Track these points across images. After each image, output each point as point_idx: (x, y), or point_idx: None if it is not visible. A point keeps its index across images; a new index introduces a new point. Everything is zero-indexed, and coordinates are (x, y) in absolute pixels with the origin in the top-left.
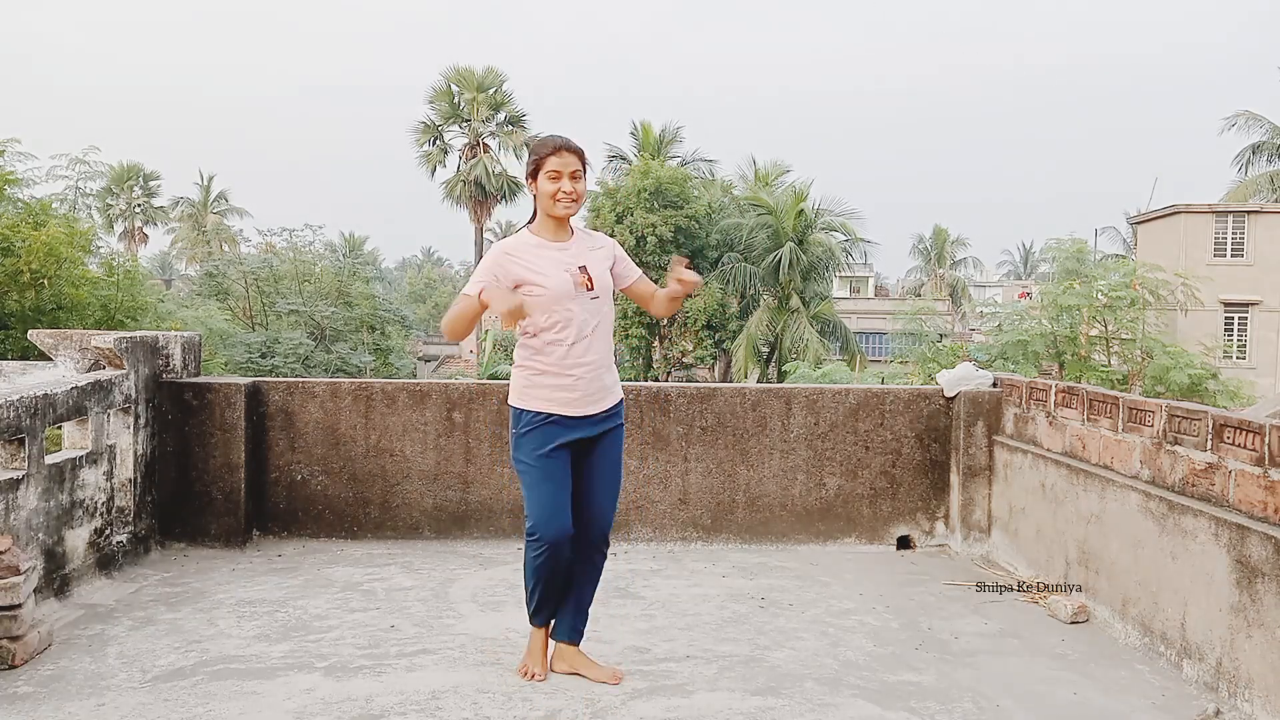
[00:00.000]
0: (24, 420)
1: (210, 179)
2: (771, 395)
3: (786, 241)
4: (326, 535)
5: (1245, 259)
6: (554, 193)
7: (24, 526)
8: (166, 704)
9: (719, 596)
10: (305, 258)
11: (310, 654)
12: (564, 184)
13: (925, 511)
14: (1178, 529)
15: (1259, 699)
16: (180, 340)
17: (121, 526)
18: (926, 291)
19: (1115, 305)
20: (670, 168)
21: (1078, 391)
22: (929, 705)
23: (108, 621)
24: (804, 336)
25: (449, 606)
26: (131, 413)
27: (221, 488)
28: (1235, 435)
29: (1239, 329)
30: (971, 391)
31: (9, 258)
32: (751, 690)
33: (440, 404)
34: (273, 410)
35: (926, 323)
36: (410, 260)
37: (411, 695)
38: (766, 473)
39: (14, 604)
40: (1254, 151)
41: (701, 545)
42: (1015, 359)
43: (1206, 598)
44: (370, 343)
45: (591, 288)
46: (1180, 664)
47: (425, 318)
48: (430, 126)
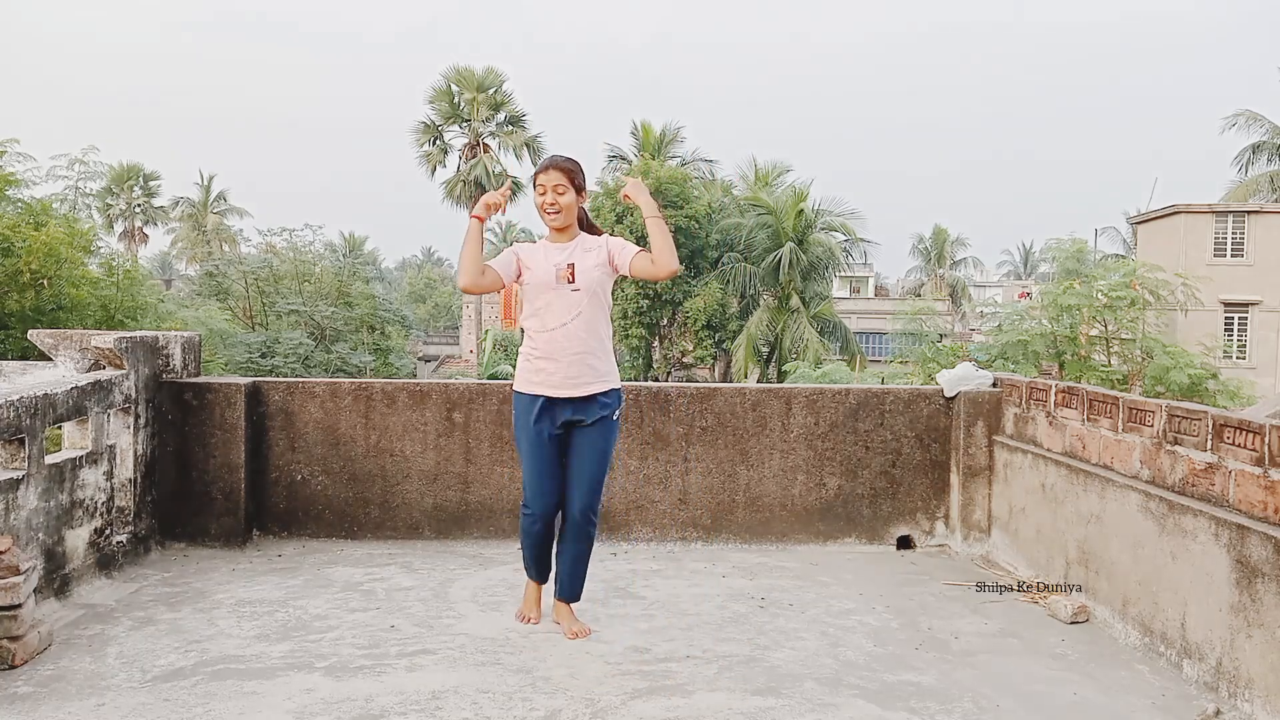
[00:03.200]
0: (24, 420)
1: (210, 179)
2: (771, 395)
3: (786, 241)
4: (326, 535)
5: (1245, 259)
6: (540, 205)
7: (24, 526)
8: (166, 704)
9: (719, 596)
10: (305, 258)
11: (310, 654)
12: (548, 197)
13: (925, 511)
14: (1178, 529)
15: (1259, 699)
16: (180, 340)
17: (121, 526)
18: (926, 291)
19: (1115, 305)
20: (670, 168)
21: (1078, 391)
22: (929, 705)
23: (108, 621)
24: (804, 336)
25: (449, 606)
26: (131, 413)
27: (221, 488)
28: (1235, 435)
29: (1239, 329)
30: (971, 391)
31: (9, 258)
32: (751, 690)
33: (440, 404)
34: (273, 410)
35: (926, 323)
36: (410, 260)
37: (411, 695)
38: (766, 473)
39: (14, 604)
40: (1254, 151)
41: (701, 545)
42: (1015, 359)
43: (1206, 598)
44: (370, 343)
45: (572, 280)
46: (1180, 664)
47: (425, 318)
48: (430, 126)
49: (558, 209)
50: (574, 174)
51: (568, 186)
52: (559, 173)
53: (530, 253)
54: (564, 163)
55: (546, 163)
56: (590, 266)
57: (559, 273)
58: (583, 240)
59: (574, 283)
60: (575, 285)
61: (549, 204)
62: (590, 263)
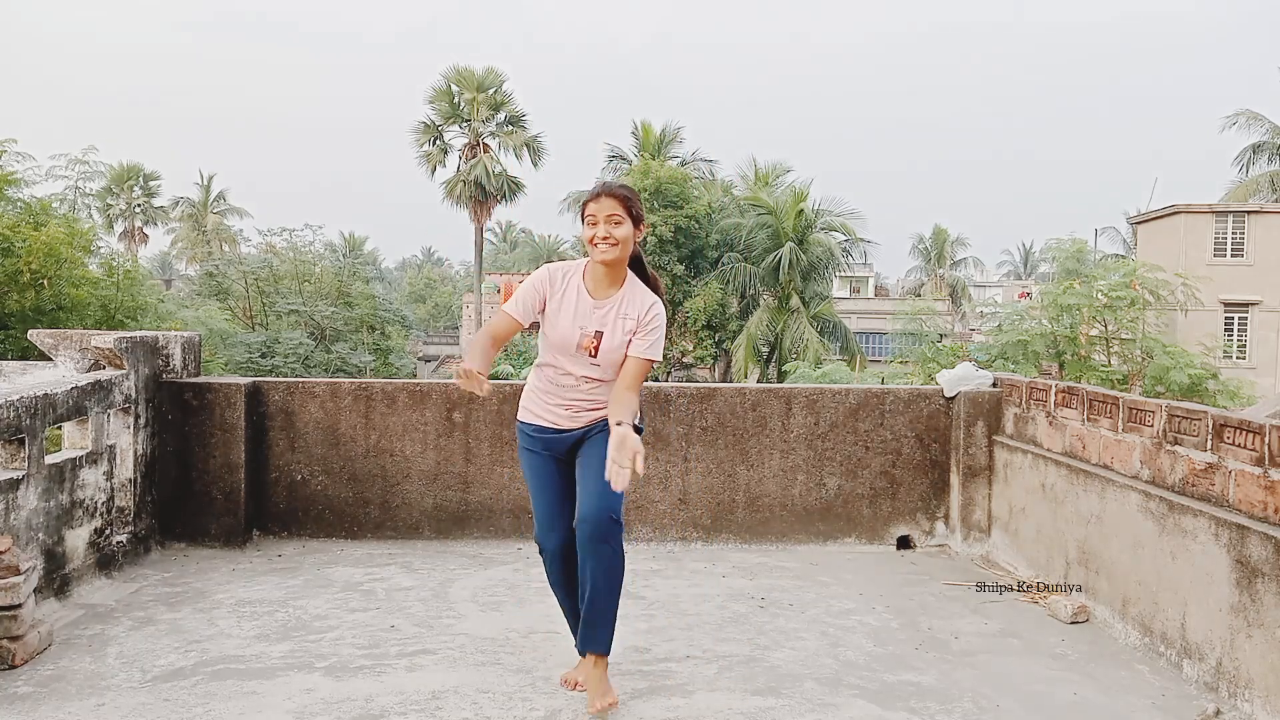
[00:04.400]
0: (24, 420)
1: (210, 179)
2: (771, 395)
3: (786, 241)
4: (326, 535)
5: (1245, 259)
6: (590, 238)
7: (24, 526)
8: (166, 704)
9: (719, 596)
10: (305, 258)
11: (310, 654)
12: (600, 229)
13: (925, 511)
14: (1178, 529)
15: (1259, 699)
16: (180, 340)
17: (121, 526)
18: (926, 291)
19: (1115, 305)
20: (670, 168)
21: (1078, 391)
22: (929, 705)
23: (108, 621)
24: (804, 336)
25: (449, 606)
26: (131, 413)
27: (221, 488)
28: (1235, 435)
29: (1239, 329)
30: (971, 391)
31: (9, 258)
32: (751, 690)
33: (440, 404)
34: (273, 410)
35: (926, 323)
36: (410, 260)
37: (411, 695)
38: (766, 473)
39: (14, 604)
40: (1254, 151)
41: (701, 545)
42: (1015, 359)
43: (1206, 598)
44: (370, 343)
45: (594, 355)
46: (1180, 664)
47: (425, 318)
48: (430, 126)
49: (614, 242)
50: (631, 202)
51: (624, 217)
52: (613, 200)
53: (562, 291)
54: (619, 190)
55: (598, 189)
56: (617, 345)
57: (582, 339)
58: (627, 297)
59: (594, 357)
60: (595, 360)
61: (602, 237)
62: (619, 339)
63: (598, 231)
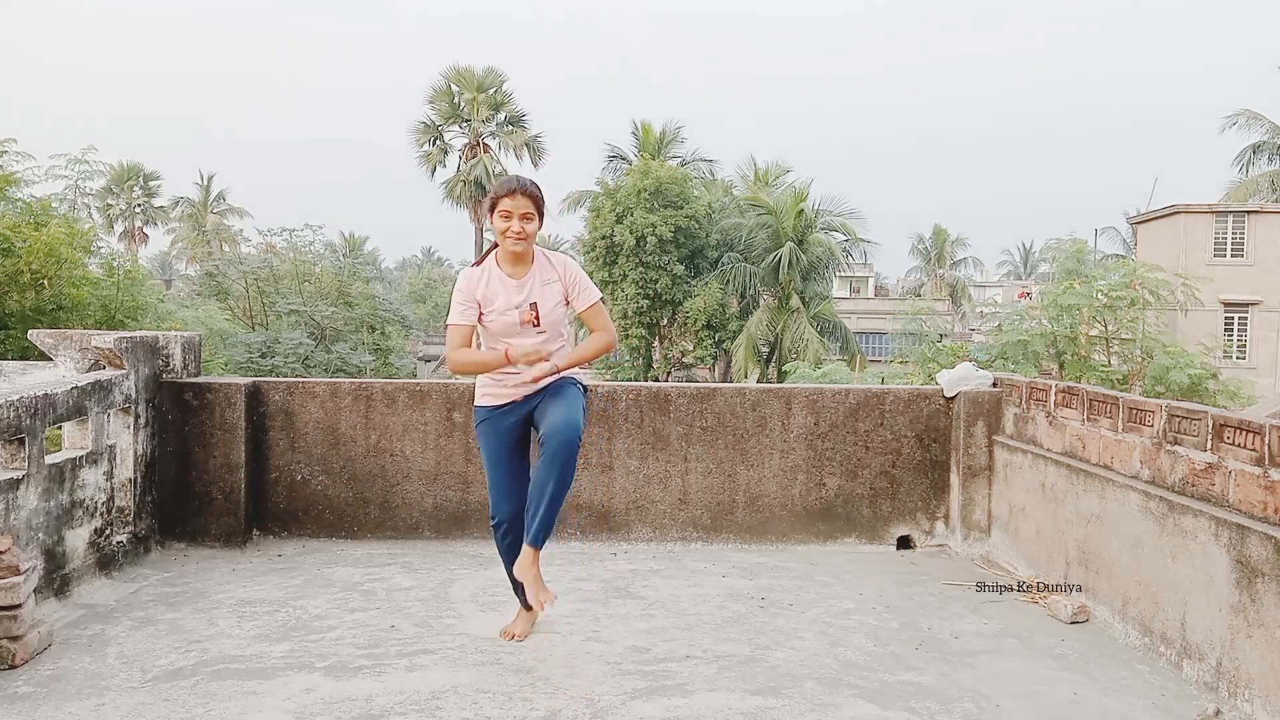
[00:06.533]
0: (24, 420)
1: (210, 179)
2: (771, 395)
3: (786, 241)
4: (326, 535)
5: (1245, 259)
6: (504, 230)
7: (24, 526)
8: (166, 704)
9: (719, 596)
10: (305, 258)
11: (310, 654)
12: (514, 224)
13: (925, 511)
14: (1178, 529)
15: (1259, 699)
16: (180, 340)
17: (121, 526)
18: (926, 291)
19: (1115, 305)
20: (670, 167)
21: (1078, 391)
22: (929, 705)
23: (108, 621)
24: (804, 336)
25: (449, 606)
26: (131, 413)
27: (221, 488)
28: (1235, 435)
29: (1239, 329)
30: (971, 391)
31: (9, 258)
32: (751, 690)
33: (440, 404)
34: (273, 410)
35: (926, 323)
36: (410, 260)
37: (411, 695)
38: (766, 473)
39: (14, 604)
40: (1254, 151)
41: (701, 545)
42: (1015, 359)
43: (1206, 598)
44: (370, 343)
45: (537, 324)
46: (1180, 664)
47: (425, 318)
48: (430, 126)
49: (524, 236)
50: (541, 201)
51: (535, 215)
52: (529, 200)
53: (486, 288)
54: (534, 189)
55: (513, 185)
56: (552, 307)
57: (522, 316)
58: (539, 268)
59: (538, 325)
60: (540, 328)
61: (515, 232)
62: (551, 302)
63: (511, 225)
